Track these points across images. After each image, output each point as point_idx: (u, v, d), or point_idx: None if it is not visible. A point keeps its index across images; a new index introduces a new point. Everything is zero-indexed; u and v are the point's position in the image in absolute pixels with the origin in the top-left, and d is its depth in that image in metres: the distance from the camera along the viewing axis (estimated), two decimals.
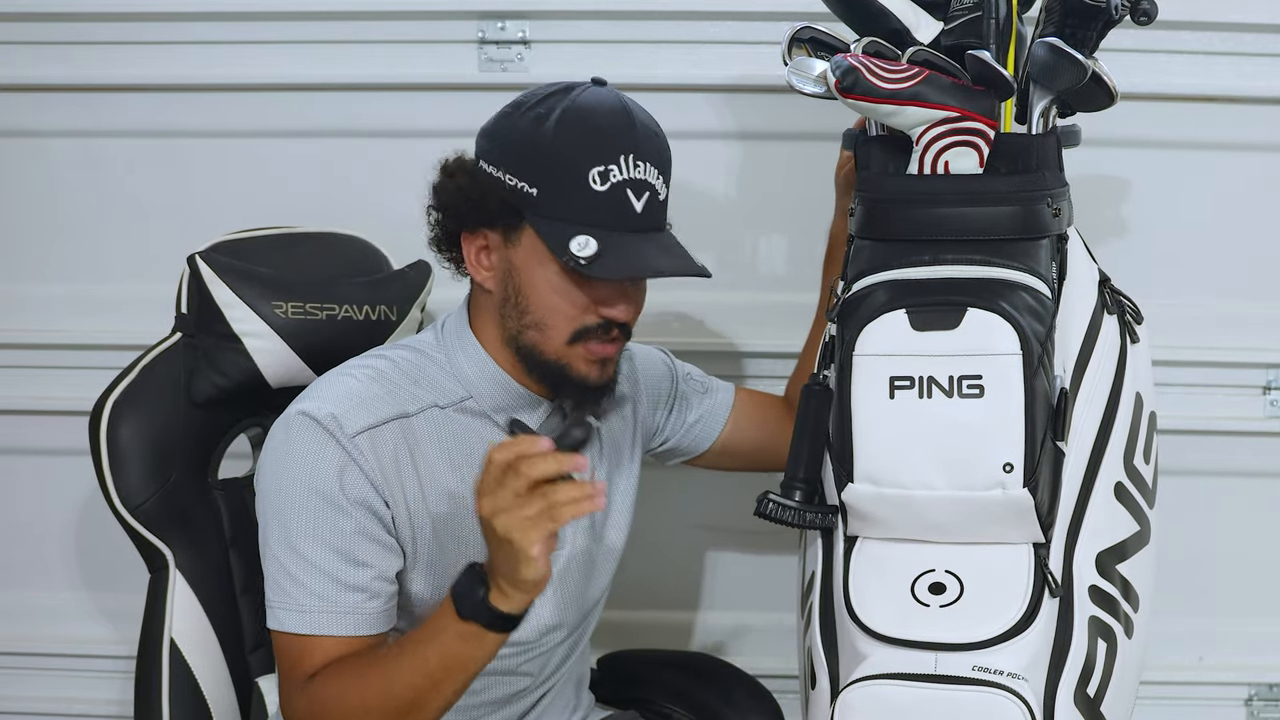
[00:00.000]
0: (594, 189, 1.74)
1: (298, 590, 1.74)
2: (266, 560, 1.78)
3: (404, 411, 1.80)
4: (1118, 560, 1.76)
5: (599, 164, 1.74)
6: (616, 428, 2.02)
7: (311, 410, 1.76)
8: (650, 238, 1.78)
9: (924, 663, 1.63)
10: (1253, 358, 2.47)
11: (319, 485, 1.74)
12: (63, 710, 2.70)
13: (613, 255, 1.73)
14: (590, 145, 1.75)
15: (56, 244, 2.58)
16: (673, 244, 1.82)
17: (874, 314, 1.63)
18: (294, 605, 1.75)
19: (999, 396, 1.59)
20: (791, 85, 1.77)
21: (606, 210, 1.75)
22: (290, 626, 1.75)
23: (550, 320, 1.79)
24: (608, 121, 1.77)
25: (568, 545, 1.93)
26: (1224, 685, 2.59)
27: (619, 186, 1.75)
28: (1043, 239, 1.71)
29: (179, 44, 2.47)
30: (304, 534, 1.74)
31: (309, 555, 1.74)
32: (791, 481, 1.77)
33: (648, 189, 1.77)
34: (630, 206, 1.76)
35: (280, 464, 1.77)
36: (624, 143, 1.76)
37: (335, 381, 1.82)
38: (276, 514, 1.76)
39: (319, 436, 1.75)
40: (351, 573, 1.75)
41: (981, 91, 1.67)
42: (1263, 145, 2.40)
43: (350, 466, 1.75)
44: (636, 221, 1.76)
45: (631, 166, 1.75)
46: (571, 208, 1.74)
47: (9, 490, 2.67)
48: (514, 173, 1.77)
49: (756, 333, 2.49)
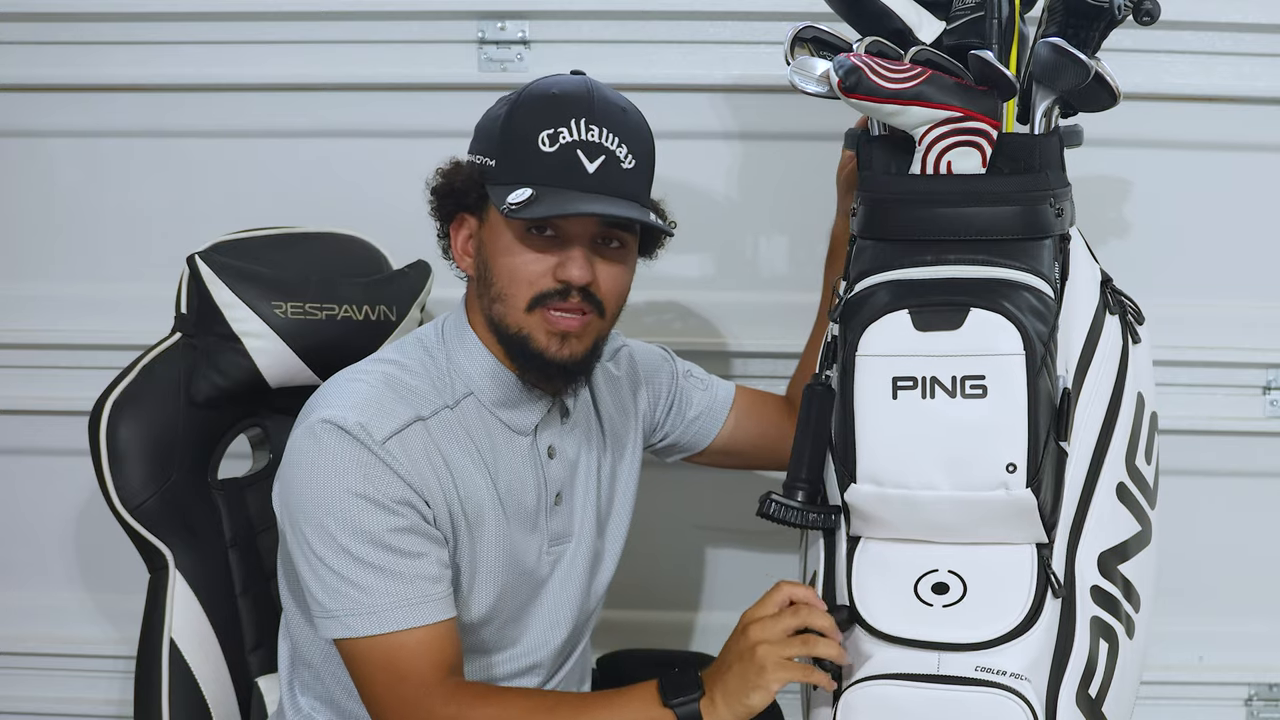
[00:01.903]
0: (543, 150, 1.76)
1: (362, 594, 1.72)
2: (315, 571, 1.75)
3: (419, 415, 1.80)
4: (1119, 560, 1.75)
5: (549, 127, 1.77)
6: (619, 423, 2.02)
7: (337, 419, 1.75)
8: (604, 198, 1.78)
9: (927, 663, 1.63)
10: (1253, 358, 2.47)
11: (360, 489, 1.73)
12: (63, 710, 2.70)
13: (545, 201, 1.74)
14: (542, 111, 1.78)
15: (56, 244, 2.58)
16: (630, 206, 1.80)
17: (876, 314, 1.62)
18: (364, 609, 1.73)
19: (1002, 397, 1.59)
20: (794, 85, 1.77)
21: (554, 169, 1.76)
22: (368, 630, 1.73)
23: (510, 290, 1.80)
24: (563, 92, 1.80)
25: (571, 540, 1.94)
26: (1224, 685, 2.59)
27: (568, 147, 1.76)
28: (1045, 239, 1.70)
29: (179, 44, 2.47)
30: (354, 537, 1.72)
31: (365, 557, 1.72)
32: (794, 482, 1.76)
33: (604, 152, 1.77)
34: (580, 166, 1.76)
35: (314, 473, 1.75)
36: (577, 109, 1.78)
37: (348, 388, 1.81)
38: (317, 524, 1.74)
39: (350, 445, 1.74)
40: (410, 564, 1.74)
41: (984, 91, 1.66)
42: (1263, 145, 2.41)
43: (386, 472, 1.74)
44: (588, 182, 1.77)
45: (584, 129, 1.77)
46: (522, 169, 1.77)
47: (9, 490, 2.67)
48: (479, 150, 1.83)
49: (758, 333, 2.49)
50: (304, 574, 1.76)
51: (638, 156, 1.81)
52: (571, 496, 1.94)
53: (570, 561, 1.94)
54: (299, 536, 1.76)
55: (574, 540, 1.94)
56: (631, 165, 1.80)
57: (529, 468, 1.89)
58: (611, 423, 2.01)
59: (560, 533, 1.93)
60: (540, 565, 1.91)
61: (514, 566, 1.88)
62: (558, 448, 1.92)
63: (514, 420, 1.87)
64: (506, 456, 1.87)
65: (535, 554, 1.90)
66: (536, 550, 1.90)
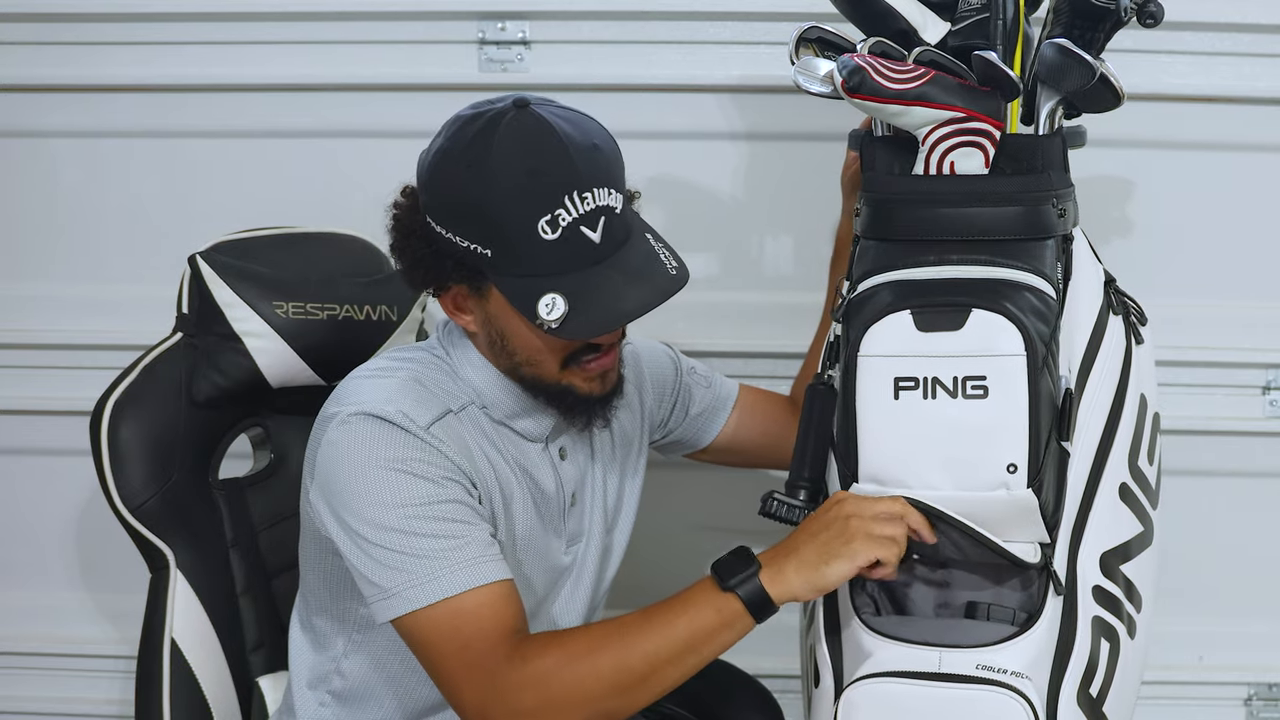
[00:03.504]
0: (546, 238, 1.69)
1: (419, 562, 1.69)
2: (369, 554, 1.70)
3: (449, 408, 1.79)
4: (1121, 561, 1.76)
5: (544, 213, 1.68)
6: (626, 423, 2.03)
7: (374, 409, 1.73)
8: (617, 263, 1.73)
9: (928, 661, 1.63)
10: (1253, 358, 2.48)
11: (408, 467, 1.71)
12: (63, 710, 2.71)
13: (582, 311, 1.70)
14: (530, 195, 1.68)
15: (57, 244, 2.58)
16: (641, 259, 1.76)
17: (879, 314, 1.62)
18: (423, 578, 1.68)
19: (1003, 397, 1.59)
20: (798, 85, 1.77)
21: (564, 256, 1.70)
22: (429, 598, 1.68)
23: (539, 358, 1.79)
24: (541, 162, 1.69)
25: (583, 539, 1.95)
26: (1224, 685, 2.60)
27: (571, 228, 1.69)
28: (1048, 239, 1.70)
29: (179, 44, 2.47)
30: (405, 511, 1.69)
31: (418, 528, 1.69)
32: (796, 481, 1.76)
33: (602, 214, 1.71)
34: (587, 242, 1.71)
35: (357, 460, 1.72)
36: (563, 180, 1.69)
37: (375, 384, 1.79)
38: (365, 509, 1.70)
39: (393, 431, 1.72)
40: (463, 530, 1.71)
41: (988, 92, 1.66)
42: (1263, 145, 2.41)
43: (434, 453, 1.73)
44: (598, 253, 1.72)
45: (579, 203, 1.69)
46: (529, 262, 1.70)
47: (9, 490, 2.67)
48: (464, 235, 1.72)
49: (762, 333, 2.49)
50: (356, 564, 1.72)
51: (621, 190, 1.76)
52: (584, 496, 1.95)
53: (584, 560, 1.95)
54: (347, 530, 1.72)
55: (585, 539, 1.95)
56: (620, 208, 1.75)
57: (547, 468, 1.89)
58: (618, 421, 2.01)
59: (576, 532, 1.94)
60: (559, 563, 1.92)
61: (539, 561, 1.88)
62: (569, 449, 1.92)
63: (528, 429, 1.87)
64: (528, 457, 1.87)
65: (557, 552, 1.91)
66: (558, 549, 1.91)
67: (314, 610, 1.91)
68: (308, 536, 1.88)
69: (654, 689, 1.67)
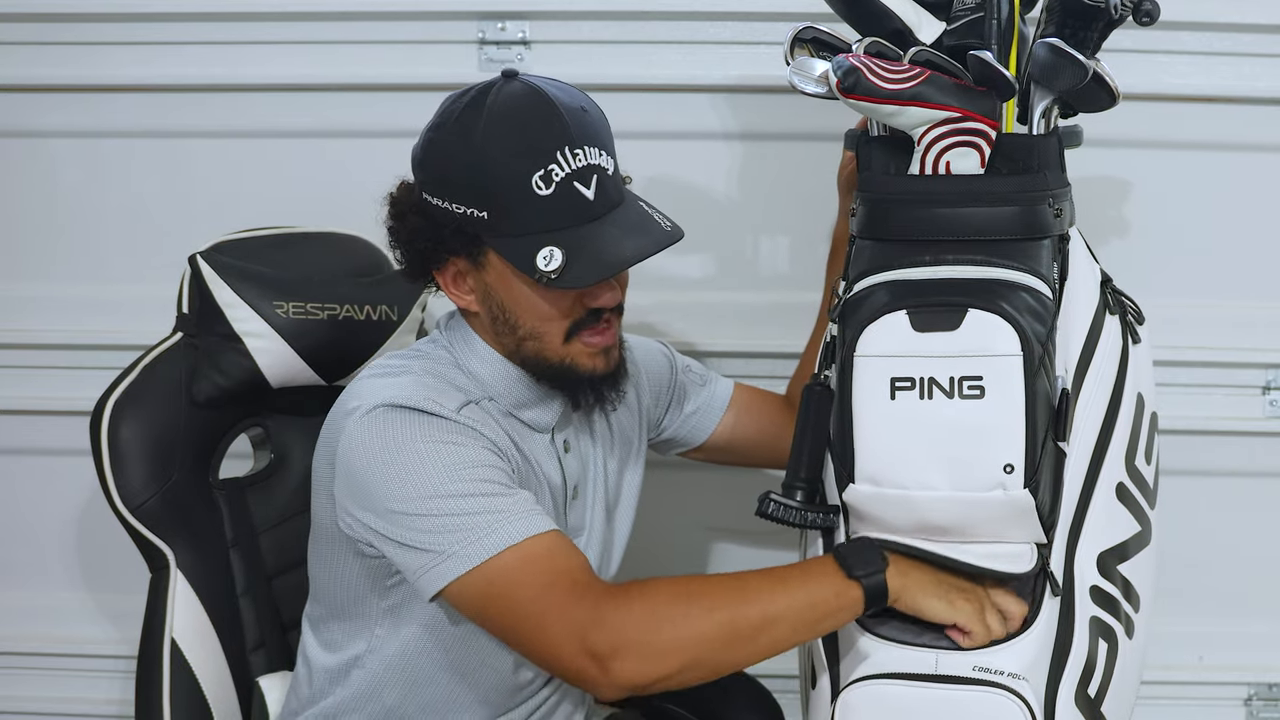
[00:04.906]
0: (540, 194, 1.72)
1: (476, 519, 1.67)
2: (416, 529, 1.68)
3: (469, 398, 1.80)
4: (1119, 561, 1.76)
5: (538, 168, 1.71)
6: (625, 420, 2.03)
7: (401, 400, 1.73)
8: (612, 220, 1.76)
9: (925, 662, 1.63)
10: (1253, 358, 2.47)
11: (446, 438, 1.71)
12: (64, 710, 2.71)
13: (580, 260, 1.72)
14: (522, 152, 1.72)
15: (57, 244, 2.58)
16: (636, 216, 1.79)
17: (875, 314, 1.62)
18: (474, 536, 1.66)
19: (1000, 397, 1.59)
20: (793, 85, 1.77)
21: (559, 210, 1.73)
22: (499, 545, 1.66)
23: (542, 328, 1.80)
24: (531, 119, 1.73)
25: (584, 533, 1.95)
26: (1224, 685, 2.59)
27: (565, 183, 1.73)
28: (1044, 239, 1.70)
29: (179, 44, 2.47)
30: (450, 475, 1.68)
31: (467, 490, 1.68)
32: (793, 481, 1.76)
33: (595, 172, 1.75)
34: (582, 197, 1.74)
35: (387, 446, 1.71)
36: (555, 137, 1.73)
37: (394, 379, 1.79)
38: (399, 491, 1.69)
39: (423, 417, 1.72)
40: (510, 490, 1.71)
41: (983, 92, 1.66)
42: (1263, 145, 2.40)
43: (468, 431, 1.73)
44: (593, 209, 1.74)
45: (571, 158, 1.73)
46: (524, 219, 1.73)
47: (9, 490, 2.67)
48: (459, 201, 1.75)
49: (758, 333, 2.48)
50: (402, 541, 1.69)
51: (613, 154, 1.80)
52: (584, 490, 1.95)
53: (584, 554, 1.94)
54: (384, 516, 1.71)
55: (586, 533, 1.95)
56: (612, 169, 1.78)
57: (553, 461, 1.90)
58: (617, 418, 2.02)
59: (577, 526, 1.94)
60: None
61: None
62: (571, 442, 1.93)
63: (535, 419, 1.87)
64: (535, 450, 1.88)
65: None
66: None
67: (329, 614, 1.91)
68: (321, 539, 1.87)
69: (760, 649, 1.65)
